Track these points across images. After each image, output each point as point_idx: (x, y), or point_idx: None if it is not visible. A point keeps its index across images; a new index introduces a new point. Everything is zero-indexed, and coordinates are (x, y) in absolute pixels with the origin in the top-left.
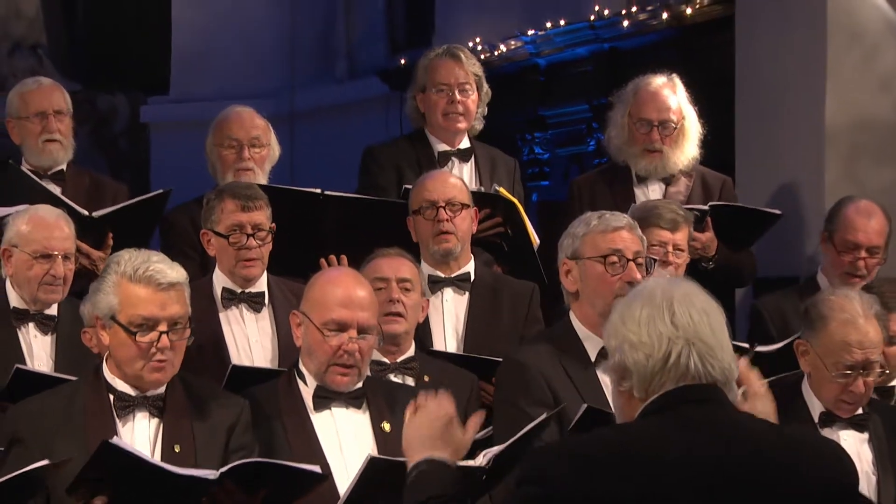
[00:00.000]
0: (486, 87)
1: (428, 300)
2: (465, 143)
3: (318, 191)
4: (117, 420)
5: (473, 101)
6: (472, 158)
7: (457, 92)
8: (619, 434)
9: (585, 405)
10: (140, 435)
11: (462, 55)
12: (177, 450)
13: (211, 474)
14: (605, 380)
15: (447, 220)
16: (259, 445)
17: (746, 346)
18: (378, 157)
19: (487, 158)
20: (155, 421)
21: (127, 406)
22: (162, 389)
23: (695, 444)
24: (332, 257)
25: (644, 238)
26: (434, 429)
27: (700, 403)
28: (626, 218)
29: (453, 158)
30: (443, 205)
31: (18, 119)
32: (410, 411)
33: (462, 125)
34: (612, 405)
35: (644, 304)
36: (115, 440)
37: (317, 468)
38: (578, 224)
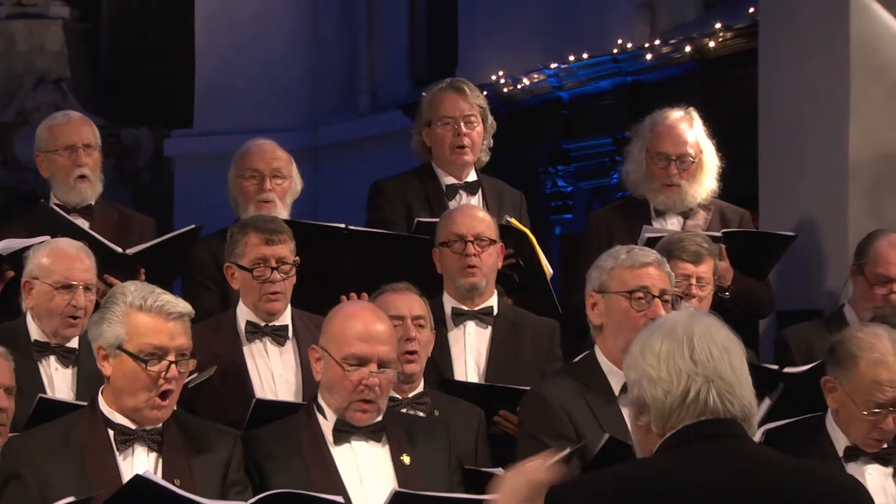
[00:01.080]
0: (490, 119)
1: (434, 333)
2: (472, 177)
3: (343, 226)
4: (117, 453)
5: (479, 134)
6: (480, 191)
7: (462, 124)
8: (637, 469)
9: (607, 435)
10: (140, 468)
11: (466, 88)
12: (177, 483)
13: None
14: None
15: (475, 254)
16: (280, 479)
17: (775, 367)
18: (386, 192)
19: (494, 191)
20: (153, 455)
21: (127, 440)
22: (159, 424)
23: (713, 479)
24: (353, 295)
25: (672, 274)
26: (526, 492)
27: (718, 438)
28: (654, 254)
29: (461, 191)
30: (471, 239)
31: (47, 153)
32: (521, 464)
33: (468, 158)
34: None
35: (664, 338)
36: (146, 473)
37: (339, 499)
38: (606, 258)
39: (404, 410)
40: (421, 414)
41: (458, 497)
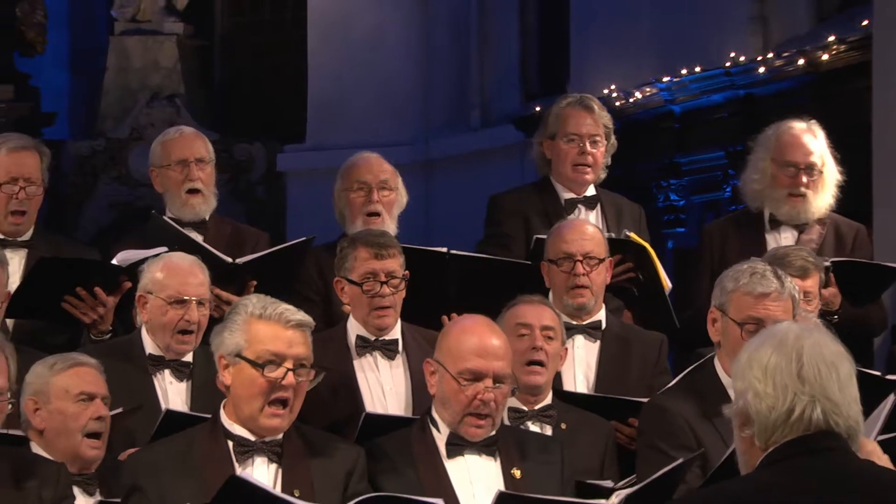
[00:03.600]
0: (613, 138)
1: (566, 349)
2: (590, 191)
3: (444, 250)
4: (236, 465)
5: (601, 153)
6: (598, 206)
7: (587, 143)
8: (740, 486)
9: (732, 447)
10: (259, 479)
11: (594, 105)
12: (296, 494)
13: None
14: None
15: (584, 274)
16: (393, 490)
17: (878, 374)
18: (504, 206)
19: (613, 206)
20: (273, 466)
21: (246, 451)
22: (279, 436)
23: (817, 495)
24: (455, 316)
25: (796, 295)
26: None
27: (822, 453)
28: (775, 283)
29: (580, 206)
30: (580, 258)
31: (160, 168)
32: None
33: (590, 177)
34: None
35: (774, 350)
36: (241, 474)
37: (440, 501)
38: (730, 277)
39: (530, 423)
40: (548, 427)
41: (564, 500)
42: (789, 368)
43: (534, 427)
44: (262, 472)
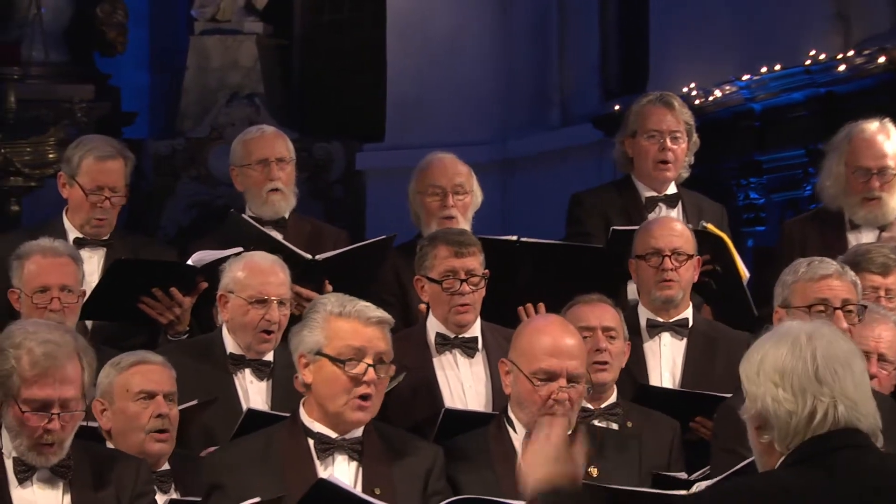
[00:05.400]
0: (695, 136)
1: (629, 344)
2: (671, 189)
3: (514, 238)
4: (317, 463)
5: (683, 150)
6: (680, 204)
7: (668, 140)
8: (766, 483)
9: None
10: (340, 477)
11: (675, 103)
12: (377, 492)
13: None
14: None
15: (672, 269)
16: (471, 490)
17: None
18: (585, 204)
19: (694, 205)
20: (354, 464)
21: (327, 449)
22: (359, 433)
23: (843, 492)
24: (530, 306)
25: (858, 283)
26: (553, 452)
27: (846, 450)
28: (834, 265)
29: (660, 204)
30: (668, 254)
31: (241, 167)
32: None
33: (671, 174)
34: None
35: (788, 351)
36: (330, 478)
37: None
38: (788, 272)
39: (596, 422)
40: (614, 425)
41: (640, 490)
42: (805, 370)
43: (600, 425)
44: (343, 470)
